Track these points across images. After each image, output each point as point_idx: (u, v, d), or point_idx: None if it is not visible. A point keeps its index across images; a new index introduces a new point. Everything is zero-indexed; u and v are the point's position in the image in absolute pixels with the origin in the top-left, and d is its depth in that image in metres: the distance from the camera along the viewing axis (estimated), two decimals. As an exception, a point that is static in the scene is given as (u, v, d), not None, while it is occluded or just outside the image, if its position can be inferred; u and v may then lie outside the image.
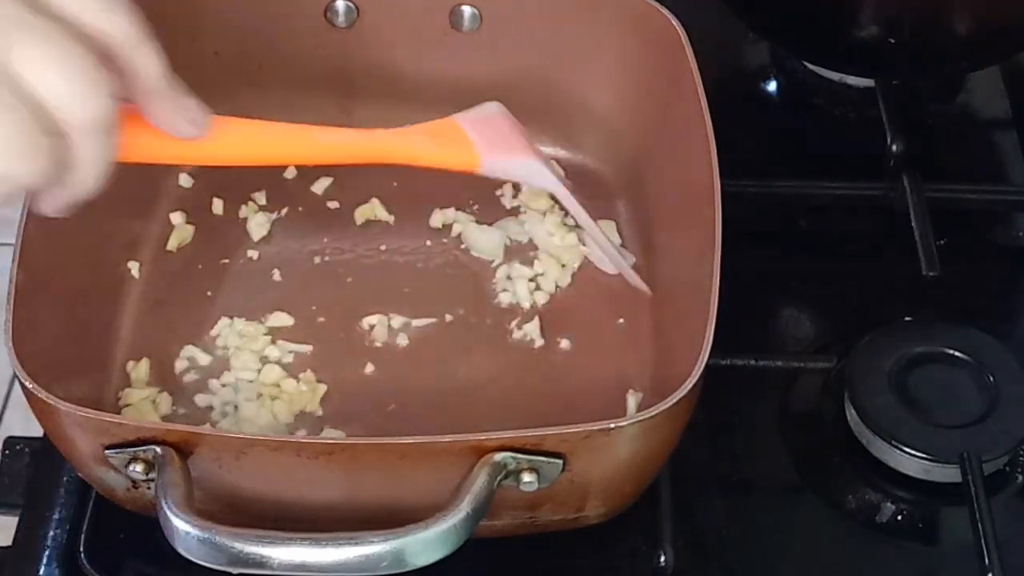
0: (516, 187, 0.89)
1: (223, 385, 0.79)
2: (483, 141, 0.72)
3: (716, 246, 0.71)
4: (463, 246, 0.87)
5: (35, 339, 0.69)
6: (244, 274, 0.85)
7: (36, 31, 0.54)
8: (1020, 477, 0.78)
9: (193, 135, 0.64)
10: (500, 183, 0.88)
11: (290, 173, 0.90)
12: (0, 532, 0.77)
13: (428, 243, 0.87)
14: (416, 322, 0.82)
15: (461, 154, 0.72)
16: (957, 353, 0.78)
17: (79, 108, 0.55)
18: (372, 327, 0.82)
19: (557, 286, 0.84)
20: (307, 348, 0.81)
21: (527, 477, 0.64)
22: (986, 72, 1.00)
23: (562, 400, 0.78)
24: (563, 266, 0.85)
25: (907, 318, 0.83)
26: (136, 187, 0.84)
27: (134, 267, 0.84)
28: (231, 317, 0.82)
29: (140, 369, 0.79)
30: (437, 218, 0.87)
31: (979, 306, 0.87)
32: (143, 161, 0.65)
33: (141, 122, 0.63)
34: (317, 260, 0.86)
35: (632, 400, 0.78)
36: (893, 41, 0.90)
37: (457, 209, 0.88)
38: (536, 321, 0.82)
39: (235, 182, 0.88)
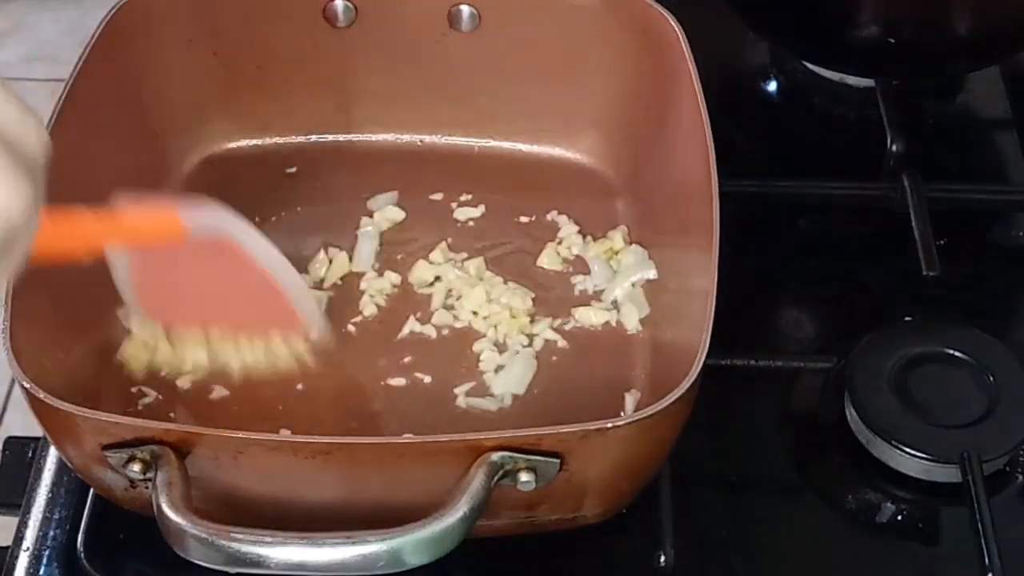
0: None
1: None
2: (181, 208, 0.70)
3: (715, 246, 0.71)
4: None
5: (33, 339, 0.69)
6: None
7: None
8: (1020, 477, 0.77)
9: None
10: None
11: (291, 171, 0.90)
12: (0, 532, 0.77)
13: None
14: (414, 321, 0.82)
15: (167, 226, 0.70)
16: (957, 353, 0.78)
17: (36, 132, 0.54)
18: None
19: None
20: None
21: (524, 476, 0.64)
22: (986, 72, 0.99)
23: (560, 400, 0.78)
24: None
25: (907, 318, 0.83)
26: (136, 187, 0.83)
27: (134, 267, 0.84)
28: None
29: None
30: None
31: (979, 306, 0.87)
32: None
33: None
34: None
35: (630, 400, 0.78)
36: (893, 41, 0.90)
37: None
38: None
39: (235, 182, 0.88)
